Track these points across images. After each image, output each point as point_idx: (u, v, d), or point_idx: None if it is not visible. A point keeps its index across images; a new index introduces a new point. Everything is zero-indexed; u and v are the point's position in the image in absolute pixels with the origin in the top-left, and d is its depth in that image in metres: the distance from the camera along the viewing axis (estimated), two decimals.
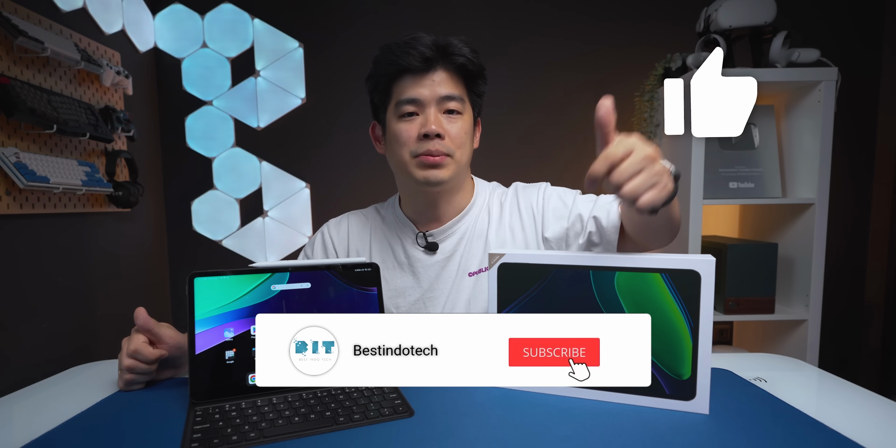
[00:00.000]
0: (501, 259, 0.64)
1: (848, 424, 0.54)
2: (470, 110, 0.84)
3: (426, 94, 0.79)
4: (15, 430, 0.57)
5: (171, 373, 0.70)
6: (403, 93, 0.80)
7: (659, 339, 0.57)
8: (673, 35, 1.74)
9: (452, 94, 0.79)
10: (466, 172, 0.89)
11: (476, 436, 0.52)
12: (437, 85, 0.79)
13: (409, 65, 0.78)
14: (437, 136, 0.78)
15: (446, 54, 0.79)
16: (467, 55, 0.79)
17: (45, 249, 1.20)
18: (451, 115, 0.80)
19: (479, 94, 0.85)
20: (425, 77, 0.79)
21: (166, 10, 1.72)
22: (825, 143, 1.44)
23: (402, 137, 0.80)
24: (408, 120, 0.80)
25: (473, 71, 0.81)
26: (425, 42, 0.77)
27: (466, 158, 0.84)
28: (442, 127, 0.79)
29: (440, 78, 0.79)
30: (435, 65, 0.78)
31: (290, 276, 0.65)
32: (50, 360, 1.18)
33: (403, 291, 0.89)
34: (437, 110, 0.79)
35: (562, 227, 0.84)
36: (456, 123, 0.80)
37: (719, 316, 1.50)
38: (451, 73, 0.80)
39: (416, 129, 0.79)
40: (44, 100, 1.12)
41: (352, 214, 0.97)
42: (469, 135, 0.83)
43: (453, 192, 0.87)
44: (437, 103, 0.79)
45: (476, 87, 0.84)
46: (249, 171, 1.78)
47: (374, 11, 1.75)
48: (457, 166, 0.82)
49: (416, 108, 0.80)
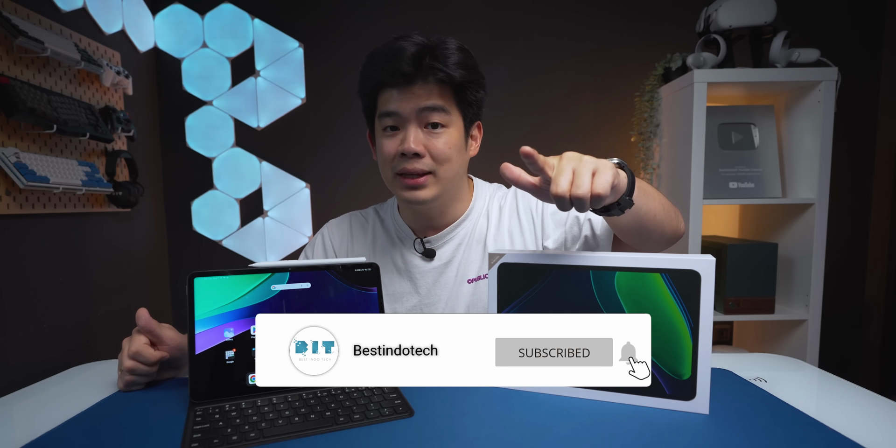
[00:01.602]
0: (501, 259, 0.64)
1: (848, 424, 0.54)
2: (459, 121, 0.79)
3: (406, 108, 0.75)
4: (15, 430, 0.57)
5: (171, 373, 0.70)
6: (385, 104, 0.77)
7: (659, 339, 0.57)
8: (673, 35, 1.74)
9: (435, 105, 0.75)
10: (459, 183, 0.84)
11: (476, 436, 0.52)
12: (418, 98, 0.75)
13: (385, 80, 0.75)
14: (416, 154, 0.75)
15: (428, 69, 0.73)
16: (448, 68, 0.73)
17: (45, 249, 1.20)
18: (435, 128, 0.76)
19: (470, 103, 0.80)
20: (406, 90, 0.75)
21: (166, 10, 1.72)
22: (825, 143, 1.45)
23: (384, 153, 0.79)
24: (390, 135, 0.78)
25: (460, 82, 0.75)
26: (407, 54, 0.73)
27: (453, 173, 0.79)
28: (420, 145, 0.75)
29: (422, 91, 0.75)
30: (415, 79, 0.74)
31: (290, 276, 0.65)
32: (50, 359, 1.18)
33: (401, 297, 0.88)
34: (417, 125, 0.76)
35: (561, 233, 0.83)
36: (440, 138, 0.76)
37: (719, 316, 1.50)
38: (435, 84, 0.75)
39: (395, 145, 0.77)
40: (44, 100, 1.12)
41: (353, 215, 0.96)
42: (456, 148, 0.78)
43: (446, 205, 0.85)
44: (417, 117, 0.75)
45: (466, 96, 0.78)
46: (249, 171, 1.78)
47: (374, 11, 1.75)
48: (441, 184, 0.78)
49: (396, 122, 0.77)
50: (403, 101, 0.75)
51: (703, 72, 1.44)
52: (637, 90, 1.71)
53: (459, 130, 0.80)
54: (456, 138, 0.79)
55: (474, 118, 0.84)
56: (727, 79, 1.44)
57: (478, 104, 0.82)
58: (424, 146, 0.76)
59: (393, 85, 0.75)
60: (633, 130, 1.77)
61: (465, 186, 0.88)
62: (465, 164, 0.84)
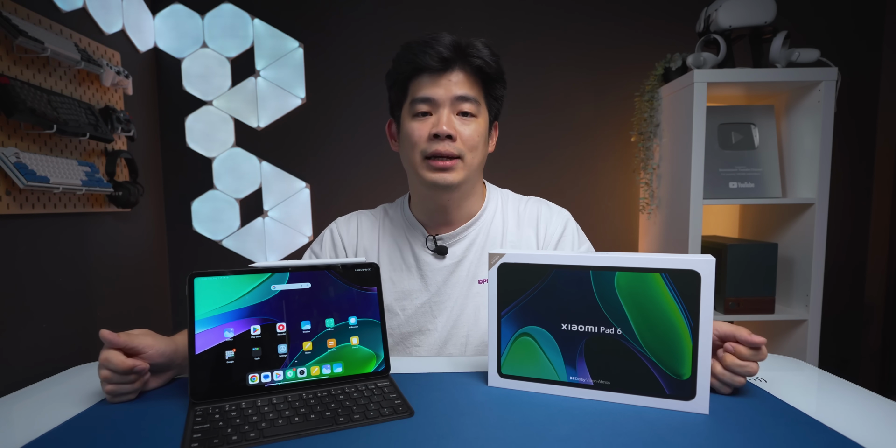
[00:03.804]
0: (501, 259, 0.64)
1: (848, 424, 0.54)
2: (486, 113, 0.83)
3: (441, 94, 0.78)
4: (15, 430, 0.57)
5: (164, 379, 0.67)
6: (419, 91, 0.79)
7: (659, 339, 0.57)
8: (673, 35, 1.74)
9: (468, 95, 0.78)
10: (478, 177, 0.88)
11: (476, 436, 0.52)
12: (454, 85, 0.78)
13: (426, 64, 0.77)
14: (448, 137, 0.78)
15: (464, 55, 0.78)
16: (485, 57, 0.78)
17: (45, 249, 1.19)
18: (466, 117, 0.80)
19: (496, 98, 0.84)
20: (442, 77, 0.78)
21: (166, 10, 1.72)
22: (825, 143, 1.45)
23: (414, 136, 0.80)
24: (421, 119, 0.80)
25: (491, 74, 0.80)
26: (445, 42, 0.77)
27: (478, 162, 0.83)
28: (454, 128, 0.78)
29: (457, 78, 0.78)
30: (452, 65, 0.78)
31: (290, 276, 0.65)
32: (50, 360, 1.18)
33: (410, 294, 0.88)
34: (450, 111, 0.79)
35: None
36: (469, 125, 0.79)
37: (719, 316, 1.50)
38: (469, 74, 0.79)
39: (427, 128, 0.79)
40: (44, 100, 1.12)
41: (361, 213, 0.96)
42: (482, 138, 0.82)
43: (464, 197, 0.87)
44: (451, 104, 0.78)
45: (493, 91, 0.83)
46: (249, 171, 1.78)
47: (374, 11, 1.75)
48: (467, 170, 0.81)
49: (430, 108, 0.79)
50: (439, 87, 0.78)
51: (703, 72, 1.44)
52: (637, 90, 1.71)
53: (486, 122, 0.83)
54: (483, 129, 0.82)
55: (497, 115, 0.87)
56: (727, 79, 1.44)
57: (500, 101, 0.86)
58: (456, 131, 0.78)
59: (429, 70, 0.78)
60: (632, 130, 1.77)
61: (480, 185, 0.91)
62: (485, 158, 0.86)
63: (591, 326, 0.60)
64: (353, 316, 0.67)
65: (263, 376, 0.62)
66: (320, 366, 0.65)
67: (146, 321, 1.64)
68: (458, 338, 0.86)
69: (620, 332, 0.59)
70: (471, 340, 0.86)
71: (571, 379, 0.62)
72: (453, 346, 0.86)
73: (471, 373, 0.71)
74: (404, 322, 0.88)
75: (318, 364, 0.64)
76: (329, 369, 0.65)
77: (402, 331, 0.88)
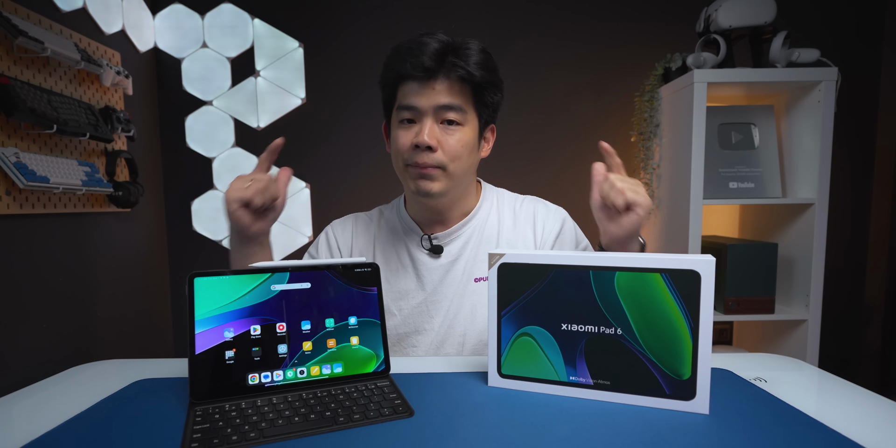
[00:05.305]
0: (501, 259, 0.64)
1: (848, 424, 0.54)
2: (474, 121, 0.80)
3: (424, 103, 0.76)
4: (15, 430, 0.57)
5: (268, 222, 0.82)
6: (404, 98, 0.78)
7: (659, 339, 0.57)
8: (673, 35, 1.74)
9: (452, 103, 0.76)
10: (467, 181, 0.86)
11: (476, 436, 0.52)
12: (437, 94, 0.76)
13: (408, 73, 0.76)
14: (429, 148, 0.77)
15: (449, 65, 0.75)
16: (469, 67, 0.75)
17: (44, 249, 1.19)
18: (451, 125, 0.78)
19: (487, 104, 0.81)
20: (426, 85, 0.76)
21: (166, 10, 1.72)
22: (825, 143, 1.45)
23: (398, 144, 0.80)
24: (406, 127, 0.79)
25: (479, 82, 0.77)
26: (430, 50, 0.75)
27: (462, 170, 0.81)
28: (435, 138, 0.76)
29: (441, 87, 0.76)
30: (436, 74, 0.75)
31: (290, 276, 0.65)
32: (50, 360, 1.18)
33: (406, 294, 0.88)
34: (434, 120, 0.77)
35: None
36: (453, 135, 0.78)
37: (719, 316, 1.50)
38: (455, 81, 0.76)
39: (410, 137, 0.78)
40: (44, 100, 1.12)
41: (356, 216, 0.97)
42: (467, 147, 0.79)
43: (454, 201, 0.87)
44: (434, 113, 0.77)
45: (483, 97, 0.80)
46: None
47: (374, 11, 1.75)
48: (450, 180, 0.80)
49: (413, 116, 0.78)
50: (422, 96, 0.76)
51: (703, 72, 1.44)
52: (637, 90, 1.71)
53: (474, 130, 0.81)
54: (470, 137, 0.80)
55: (489, 120, 0.85)
56: (727, 79, 1.44)
57: (494, 106, 0.83)
58: (438, 141, 0.77)
59: (414, 78, 0.76)
60: (633, 130, 1.77)
61: (473, 185, 0.90)
62: (475, 164, 0.85)
63: (591, 326, 0.60)
64: (353, 316, 0.67)
65: (263, 376, 0.62)
66: (320, 366, 0.65)
67: (146, 321, 1.64)
68: (455, 337, 0.86)
69: (620, 332, 0.59)
70: (468, 339, 0.86)
71: (571, 379, 0.62)
72: (450, 345, 0.86)
73: (471, 373, 0.71)
74: (401, 322, 0.88)
75: (318, 364, 0.64)
76: (329, 369, 0.65)
77: (399, 331, 0.88)
